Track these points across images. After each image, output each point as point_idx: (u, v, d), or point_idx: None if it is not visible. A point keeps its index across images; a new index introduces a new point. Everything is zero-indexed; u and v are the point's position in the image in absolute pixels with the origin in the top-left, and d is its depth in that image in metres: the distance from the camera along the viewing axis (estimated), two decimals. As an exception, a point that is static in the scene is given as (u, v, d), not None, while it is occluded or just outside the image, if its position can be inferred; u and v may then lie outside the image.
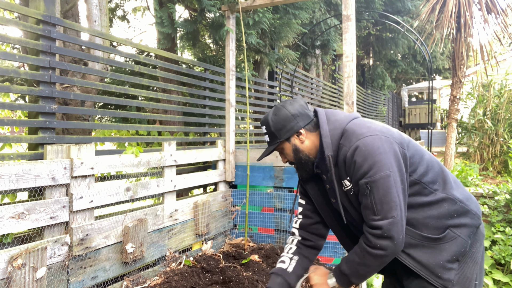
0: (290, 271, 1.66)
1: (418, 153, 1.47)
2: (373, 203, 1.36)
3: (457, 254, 1.40)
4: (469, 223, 1.43)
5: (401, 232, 1.35)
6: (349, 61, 2.85)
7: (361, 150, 1.38)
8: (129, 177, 3.05)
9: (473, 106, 7.00)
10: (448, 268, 1.39)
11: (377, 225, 1.35)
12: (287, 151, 1.58)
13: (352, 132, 1.45)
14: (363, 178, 1.37)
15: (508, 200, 4.33)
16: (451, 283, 1.38)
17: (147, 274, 2.53)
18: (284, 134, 1.54)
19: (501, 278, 3.66)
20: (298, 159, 1.57)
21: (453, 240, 1.40)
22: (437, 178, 1.45)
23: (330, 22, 7.03)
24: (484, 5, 5.42)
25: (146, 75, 3.91)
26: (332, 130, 1.51)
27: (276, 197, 3.29)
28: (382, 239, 1.35)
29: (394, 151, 1.39)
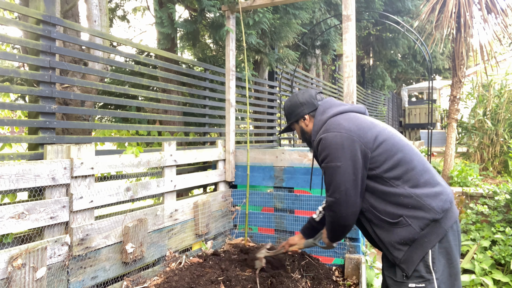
0: (317, 220, 2.19)
1: (388, 153, 1.73)
2: (326, 183, 1.78)
3: (405, 239, 1.66)
4: (422, 216, 1.65)
5: (344, 210, 1.73)
6: (349, 61, 2.85)
7: (323, 142, 1.78)
8: (129, 177, 3.05)
9: (473, 106, 7.00)
10: (398, 248, 1.67)
11: (326, 200, 1.79)
12: (297, 130, 2.06)
13: (326, 126, 1.82)
14: (322, 163, 1.79)
15: (508, 200, 4.33)
16: (399, 260, 1.67)
17: (147, 274, 2.53)
18: (293, 117, 2.02)
19: (501, 278, 3.66)
20: (303, 138, 2.05)
21: (404, 227, 1.66)
22: (403, 176, 1.70)
23: (330, 22, 7.03)
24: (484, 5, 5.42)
25: (146, 75, 3.91)
26: (320, 120, 1.89)
27: (276, 197, 3.29)
28: (328, 210, 1.79)
29: (351, 148, 1.71)
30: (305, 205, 3.15)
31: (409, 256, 1.66)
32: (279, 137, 6.15)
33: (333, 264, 2.96)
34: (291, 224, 3.21)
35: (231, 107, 3.52)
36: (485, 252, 3.97)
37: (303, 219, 3.15)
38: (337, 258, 2.98)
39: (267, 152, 3.37)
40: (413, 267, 1.65)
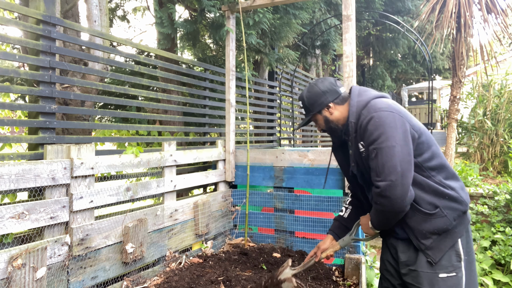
0: (345, 217, 2.10)
1: (428, 143, 1.74)
2: (377, 166, 1.64)
3: (438, 229, 1.69)
4: (457, 207, 1.71)
5: (399, 194, 1.61)
6: (349, 61, 2.85)
7: (375, 120, 1.67)
8: (129, 177, 3.05)
9: (473, 106, 7.00)
10: (428, 237, 1.70)
11: (377, 185, 1.64)
12: (319, 121, 1.93)
13: (373, 105, 1.74)
14: (372, 144, 1.66)
15: (508, 200, 4.33)
16: (425, 246, 1.70)
17: (147, 274, 2.53)
18: (316, 107, 1.89)
19: (501, 278, 3.66)
20: (328, 127, 1.92)
21: (440, 218, 1.69)
22: (438, 167, 1.73)
23: (330, 22, 7.03)
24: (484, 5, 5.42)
25: (146, 75, 3.91)
26: (359, 101, 1.81)
27: (276, 197, 3.29)
28: (380, 197, 1.64)
29: (404, 129, 1.66)
30: (305, 205, 3.15)
31: (437, 244, 1.69)
32: (279, 137, 6.15)
33: (333, 264, 2.96)
34: (291, 224, 3.21)
35: (231, 107, 3.52)
36: (485, 252, 3.97)
37: (303, 219, 3.15)
38: (337, 258, 2.98)
39: (267, 152, 3.37)
40: (440, 255, 1.68)
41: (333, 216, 3.03)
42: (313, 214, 3.12)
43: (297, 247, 3.17)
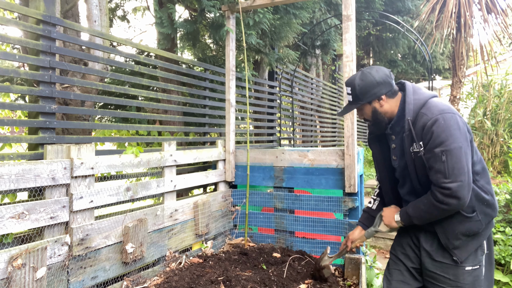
0: (374, 208, 2.18)
1: (474, 147, 1.78)
2: (446, 168, 1.66)
3: (470, 232, 1.75)
4: (490, 213, 1.79)
5: (467, 194, 1.67)
6: (349, 61, 2.85)
7: (441, 122, 1.68)
8: (129, 177, 3.05)
9: (473, 106, 7.00)
10: (458, 238, 1.76)
11: (447, 187, 1.66)
12: (366, 111, 1.92)
13: (434, 105, 1.74)
14: (438, 146, 1.67)
15: (508, 200, 4.33)
16: (453, 246, 1.77)
17: (147, 274, 2.53)
18: (368, 98, 1.86)
19: (501, 278, 3.66)
20: (375, 118, 1.91)
21: (474, 222, 1.75)
22: (481, 171, 1.79)
23: (330, 22, 7.03)
24: (484, 5, 5.42)
25: (146, 75, 3.91)
26: (416, 99, 1.80)
27: (276, 197, 3.29)
28: (450, 198, 1.67)
29: (465, 131, 1.71)
30: (305, 205, 3.15)
31: (464, 245, 1.77)
32: (279, 137, 6.15)
33: (333, 264, 2.96)
34: (291, 224, 3.21)
35: (231, 107, 3.52)
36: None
37: (303, 219, 3.15)
38: (337, 258, 2.98)
39: (267, 152, 3.37)
40: (466, 255, 1.76)
41: (333, 216, 3.03)
42: (313, 214, 3.12)
43: (297, 247, 3.17)
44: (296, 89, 7.45)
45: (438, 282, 1.86)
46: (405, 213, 1.87)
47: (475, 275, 1.79)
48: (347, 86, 1.94)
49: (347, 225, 2.95)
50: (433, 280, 1.88)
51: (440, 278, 1.85)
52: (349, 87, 1.91)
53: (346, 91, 1.94)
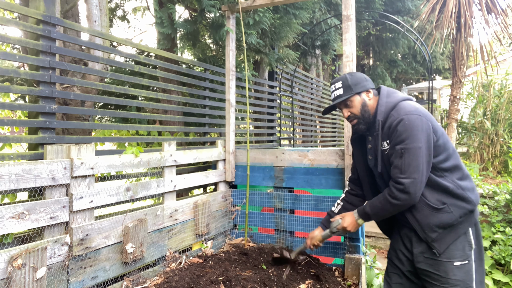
0: (336, 211, 2.35)
1: (445, 145, 1.89)
2: (403, 164, 1.80)
3: (443, 224, 1.85)
4: (464, 206, 1.86)
5: (418, 190, 1.81)
6: (349, 61, 2.85)
7: (405, 122, 1.81)
8: (129, 177, 3.05)
9: (473, 106, 6.99)
10: (434, 230, 1.86)
11: (401, 182, 1.80)
12: (355, 103, 2.01)
13: (403, 107, 1.88)
14: (399, 144, 1.82)
15: (508, 200, 4.33)
16: (431, 239, 1.87)
17: (147, 274, 2.53)
18: (359, 88, 2.00)
19: (501, 278, 3.66)
20: (363, 111, 2.00)
21: (446, 213, 1.85)
22: (452, 169, 1.88)
23: (330, 22, 7.03)
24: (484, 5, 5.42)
25: (146, 75, 3.91)
26: (387, 102, 1.94)
27: (276, 197, 3.29)
28: (402, 192, 1.81)
29: (428, 133, 1.82)
30: (305, 205, 3.15)
31: (442, 237, 1.86)
32: (279, 137, 6.15)
33: (333, 264, 2.96)
34: (291, 224, 3.21)
35: (231, 107, 3.52)
36: (485, 252, 3.97)
37: (303, 219, 3.15)
38: (337, 258, 2.98)
39: (267, 152, 3.37)
40: (445, 247, 1.86)
41: (333, 216, 3.03)
42: (313, 214, 3.12)
43: (297, 247, 3.17)
44: (296, 89, 7.45)
45: (432, 279, 1.92)
46: (363, 213, 2.04)
47: (465, 271, 1.86)
48: (335, 82, 2.06)
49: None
50: (428, 279, 1.95)
51: (432, 275, 1.91)
52: (338, 82, 2.04)
53: (334, 88, 2.05)
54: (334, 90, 2.05)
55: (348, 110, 2.05)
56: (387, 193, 1.88)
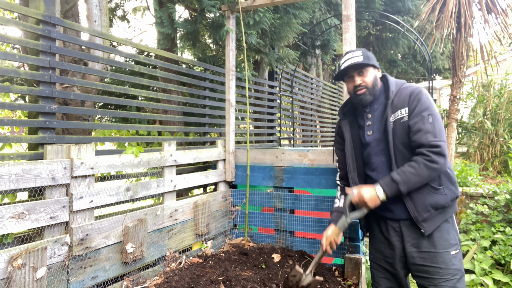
0: (340, 206, 2.27)
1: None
2: (435, 128, 1.84)
3: (437, 204, 1.90)
4: (454, 190, 1.95)
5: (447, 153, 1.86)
6: (349, 61, 2.84)
7: (425, 94, 1.92)
8: (129, 177, 3.05)
9: (473, 106, 6.99)
10: (427, 210, 1.90)
11: (438, 144, 1.82)
12: (369, 74, 2.04)
13: (413, 85, 2.00)
14: (425, 110, 1.87)
15: (508, 200, 4.33)
16: (422, 218, 1.90)
17: (147, 274, 2.53)
18: (374, 63, 2.06)
19: (501, 278, 3.65)
20: (374, 84, 2.05)
21: (441, 195, 1.91)
22: (447, 154, 1.92)
23: (330, 22, 7.03)
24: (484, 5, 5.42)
25: (146, 75, 3.91)
26: (396, 81, 2.06)
27: (276, 197, 3.29)
28: (439, 155, 1.82)
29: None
30: (305, 205, 3.15)
31: (432, 218, 1.90)
32: (279, 137, 6.15)
33: (333, 264, 2.96)
34: (291, 224, 3.21)
35: (231, 107, 3.52)
36: (485, 252, 3.97)
37: (303, 219, 3.15)
38: (337, 258, 2.98)
39: (267, 152, 3.37)
40: (433, 228, 1.90)
41: (333, 216, 3.02)
42: (313, 214, 3.12)
43: (297, 247, 3.17)
44: (296, 89, 7.45)
45: (430, 274, 1.90)
46: (390, 181, 1.88)
47: (459, 258, 1.93)
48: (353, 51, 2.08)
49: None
50: (425, 274, 1.92)
51: (430, 269, 1.90)
52: (358, 51, 2.06)
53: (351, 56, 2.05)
54: (351, 57, 2.04)
55: (361, 79, 2.05)
56: (422, 158, 1.83)
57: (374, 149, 2.04)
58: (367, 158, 2.09)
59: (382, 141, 2.00)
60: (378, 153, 2.03)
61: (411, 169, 1.85)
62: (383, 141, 1.99)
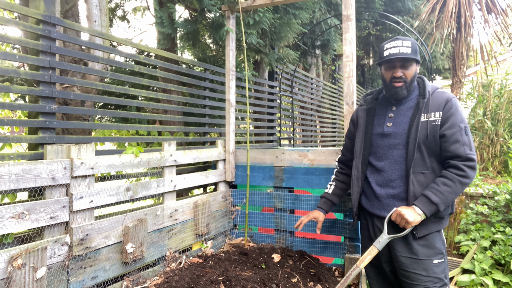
0: (330, 192, 2.44)
1: None
2: (470, 142, 1.84)
3: (438, 213, 1.91)
4: (452, 206, 1.98)
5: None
6: (349, 61, 2.85)
7: (460, 105, 1.90)
8: (129, 177, 3.05)
9: (473, 106, 6.99)
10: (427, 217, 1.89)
11: (473, 158, 1.82)
12: (412, 68, 2.00)
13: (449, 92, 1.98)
14: (461, 122, 1.86)
15: (508, 200, 4.33)
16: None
17: (147, 274, 2.53)
18: (418, 57, 2.01)
19: (501, 278, 3.65)
20: (412, 80, 2.01)
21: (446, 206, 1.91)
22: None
23: (330, 22, 7.03)
24: (484, 5, 5.42)
25: (146, 75, 3.91)
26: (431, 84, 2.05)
27: (276, 197, 3.29)
28: (473, 170, 1.82)
29: None
30: (305, 205, 3.15)
31: (426, 224, 1.91)
32: (279, 137, 6.15)
33: (333, 264, 2.96)
34: (291, 224, 3.21)
35: (231, 107, 3.52)
36: (485, 252, 3.97)
37: (303, 219, 3.15)
38: (337, 258, 2.98)
39: (267, 152, 3.37)
40: (425, 233, 1.91)
41: (333, 216, 3.03)
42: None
43: (297, 247, 3.17)
44: (296, 89, 7.45)
45: (411, 280, 1.93)
46: (428, 203, 1.84)
47: (443, 268, 1.93)
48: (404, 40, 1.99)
49: (347, 225, 2.95)
50: (406, 279, 1.95)
51: (411, 275, 1.92)
52: (408, 41, 1.99)
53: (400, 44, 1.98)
54: (399, 46, 1.97)
55: (402, 71, 1.99)
56: (456, 174, 1.81)
57: (390, 141, 2.02)
58: (376, 147, 2.08)
59: (402, 136, 1.97)
60: (392, 146, 2.01)
61: (447, 188, 1.82)
62: (403, 136, 1.97)
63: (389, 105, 2.09)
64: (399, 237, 1.93)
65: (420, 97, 1.99)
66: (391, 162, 2.00)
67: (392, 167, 2.00)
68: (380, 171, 2.04)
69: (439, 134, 1.88)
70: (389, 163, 2.01)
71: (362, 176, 2.14)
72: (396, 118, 2.03)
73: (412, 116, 1.96)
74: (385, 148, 2.04)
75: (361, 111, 2.23)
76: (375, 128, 2.11)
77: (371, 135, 2.12)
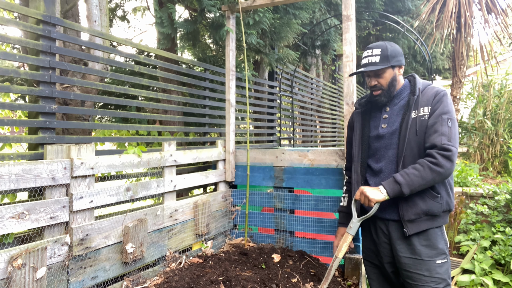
0: (345, 205, 2.30)
1: None
2: (451, 132, 1.82)
3: (430, 211, 1.89)
4: (449, 203, 1.94)
5: (456, 161, 1.83)
6: (349, 61, 2.85)
7: (448, 97, 1.91)
8: (129, 177, 3.05)
9: (473, 106, 6.99)
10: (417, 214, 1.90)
11: (449, 148, 1.79)
12: (386, 75, 2.00)
13: (440, 87, 1.98)
14: (446, 114, 1.86)
15: (508, 200, 4.33)
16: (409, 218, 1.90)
17: (147, 274, 2.53)
18: (395, 62, 1.99)
19: (501, 278, 3.66)
20: (390, 85, 2.01)
21: (437, 203, 1.90)
22: None
23: (330, 22, 7.03)
24: (484, 5, 5.42)
25: (146, 75, 3.91)
26: (423, 81, 2.04)
27: (276, 197, 3.29)
28: (446, 159, 1.79)
29: None
30: (305, 205, 3.15)
31: (418, 222, 1.90)
32: (279, 137, 6.15)
33: (333, 264, 2.96)
34: (291, 224, 3.21)
35: (231, 107, 3.52)
36: (485, 252, 3.97)
37: (303, 219, 3.15)
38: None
39: (267, 152, 3.37)
40: (415, 231, 1.90)
41: (333, 216, 3.03)
42: (313, 214, 3.12)
43: (297, 247, 3.17)
44: (296, 89, 7.45)
45: (414, 280, 1.92)
46: (392, 182, 1.87)
47: (446, 268, 1.92)
48: (374, 48, 2.00)
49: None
50: (409, 280, 1.94)
51: (414, 276, 1.91)
52: (378, 49, 1.99)
53: (370, 53, 2.00)
54: (369, 55, 2.00)
55: (377, 80, 2.02)
56: (427, 161, 1.82)
57: (385, 142, 2.03)
58: (374, 150, 2.08)
59: (396, 135, 1.98)
60: (388, 146, 2.02)
61: (415, 171, 1.82)
62: (397, 135, 1.98)
63: (382, 106, 2.10)
64: (367, 217, 1.99)
65: (410, 95, 2.00)
66: (387, 162, 2.01)
67: (388, 167, 2.00)
68: (378, 172, 2.04)
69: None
70: (386, 163, 2.02)
71: (362, 180, 2.13)
72: (390, 118, 2.04)
73: (403, 114, 1.98)
74: (382, 149, 2.05)
75: (356, 115, 2.24)
76: (372, 130, 2.11)
77: (368, 138, 2.13)
